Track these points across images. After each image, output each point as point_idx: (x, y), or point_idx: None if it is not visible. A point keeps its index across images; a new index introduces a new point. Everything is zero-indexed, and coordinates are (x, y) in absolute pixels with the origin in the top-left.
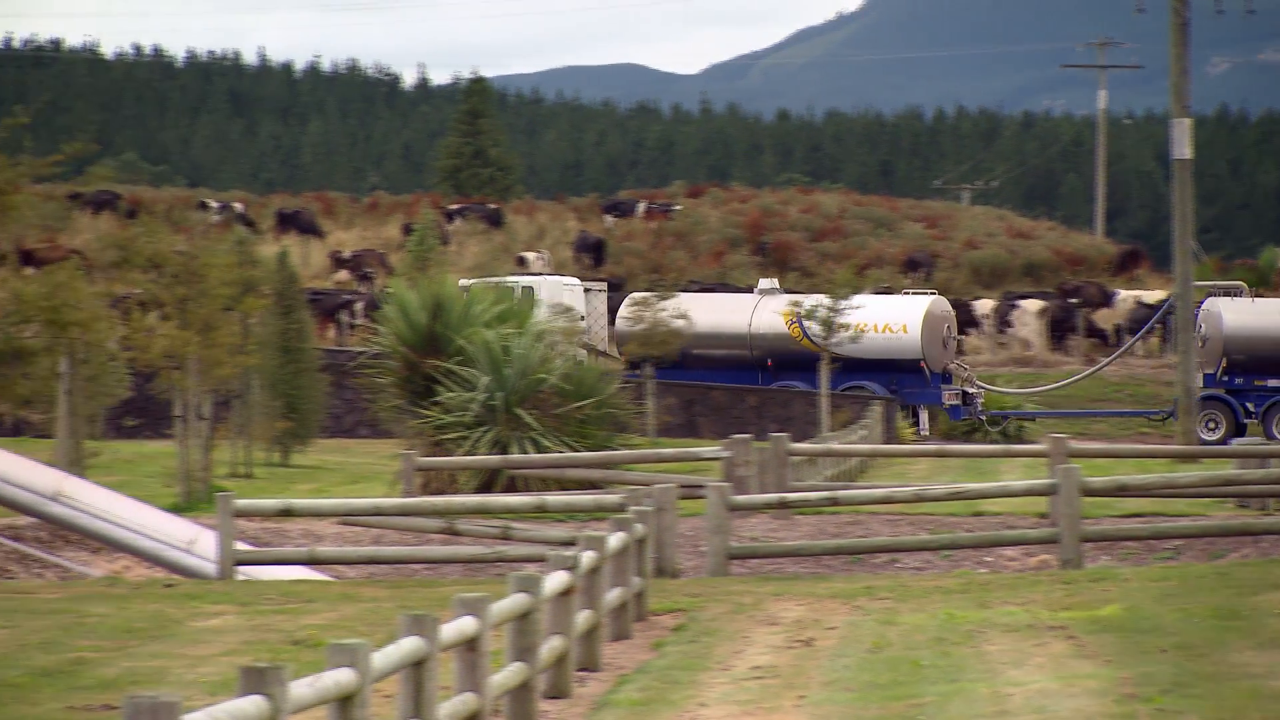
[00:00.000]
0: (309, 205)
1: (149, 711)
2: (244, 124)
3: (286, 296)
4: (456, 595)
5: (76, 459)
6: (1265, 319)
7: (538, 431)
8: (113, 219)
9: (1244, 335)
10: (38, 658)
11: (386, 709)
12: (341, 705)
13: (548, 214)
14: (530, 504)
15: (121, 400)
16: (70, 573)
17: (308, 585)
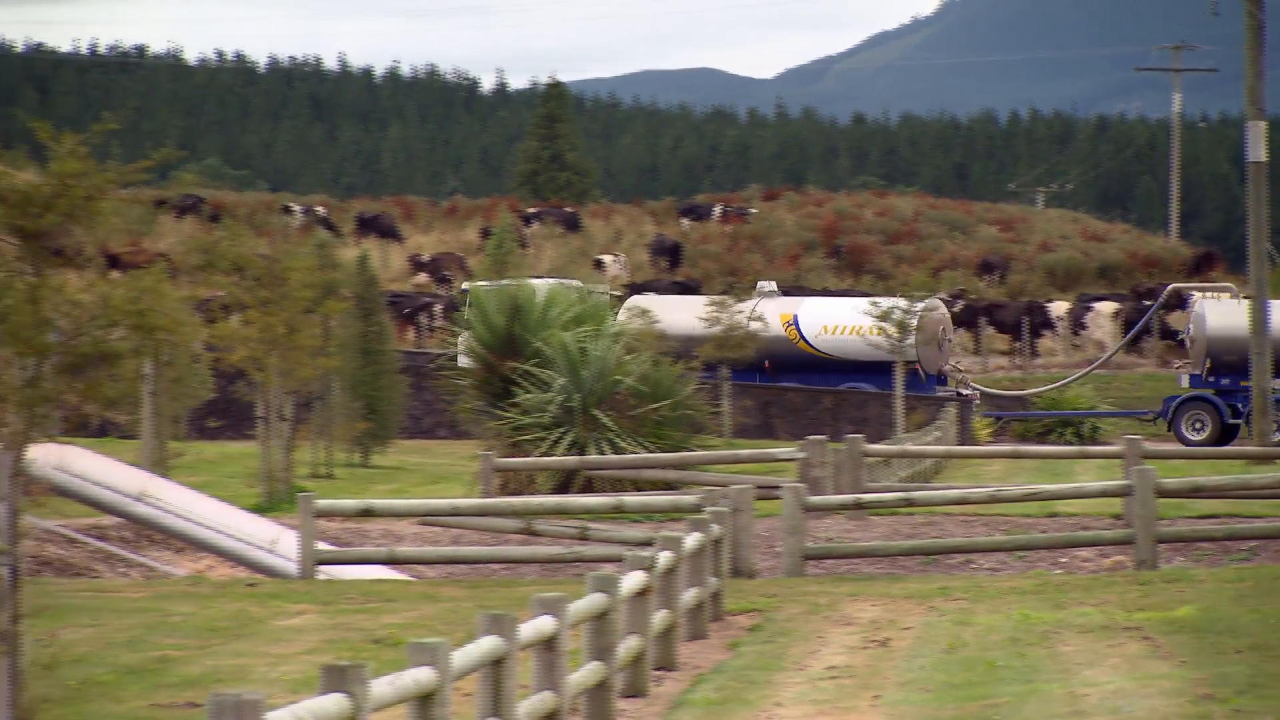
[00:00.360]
0: (389, 209)
1: (233, 709)
2: (325, 129)
3: (366, 299)
4: (535, 595)
5: (161, 460)
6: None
7: (614, 432)
8: (196, 223)
9: (1227, 337)
10: (123, 656)
11: (465, 707)
12: (421, 704)
13: (624, 217)
14: (608, 504)
15: (205, 402)
16: (155, 572)
17: (388, 585)
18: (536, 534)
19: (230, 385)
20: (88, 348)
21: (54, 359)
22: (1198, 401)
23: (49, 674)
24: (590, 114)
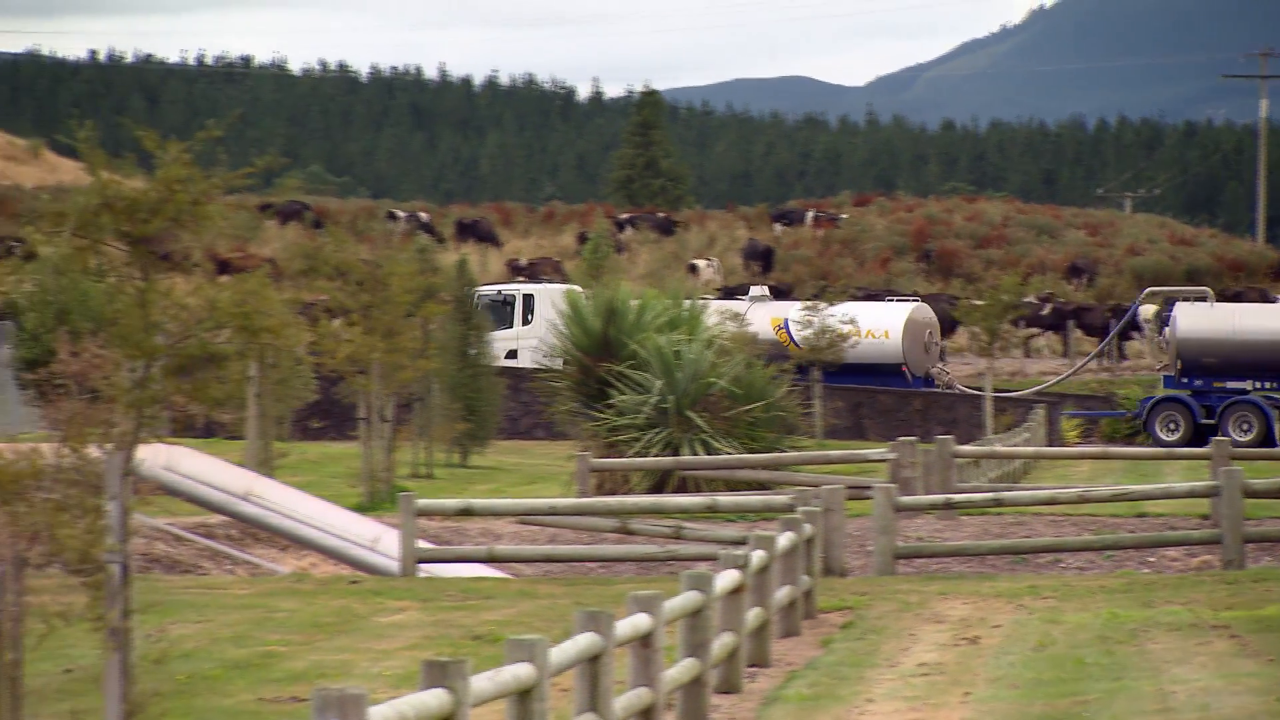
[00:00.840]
0: (487, 215)
1: (337, 704)
2: (425, 137)
3: (465, 303)
4: (631, 593)
5: (266, 459)
6: (1219, 323)
7: (708, 433)
8: (300, 229)
9: (1197, 339)
10: (229, 651)
11: (563, 703)
12: (520, 699)
13: (718, 223)
14: (702, 504)
15: (308, 403)
16: (260, 569)
17: (487, 582)
18: (632, 533)
19: (333, 387)
20: (194, 350)
21: (162, 361)
22: (1171, 402)
23: (158, 668)
24: (684, 121)
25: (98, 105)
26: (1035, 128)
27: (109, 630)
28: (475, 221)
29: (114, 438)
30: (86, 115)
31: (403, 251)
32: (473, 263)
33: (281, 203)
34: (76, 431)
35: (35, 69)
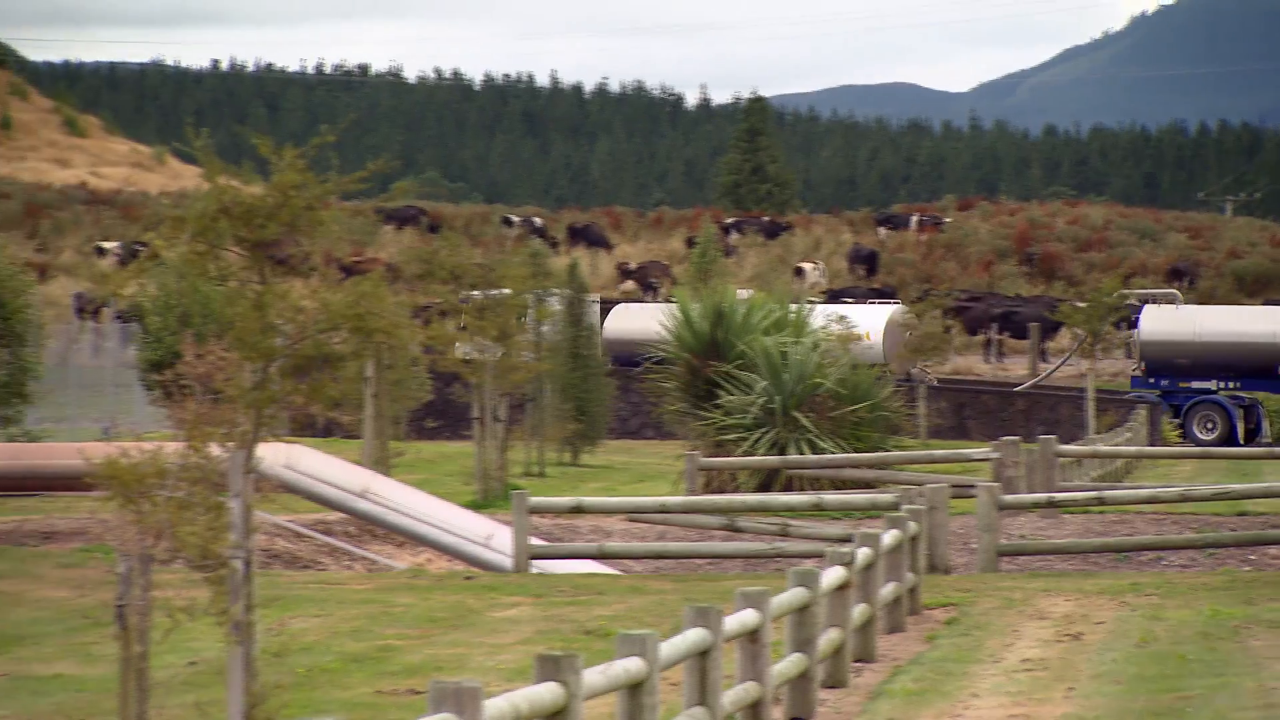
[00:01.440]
0: (598, 219)
1: (453, 696)
2: (537, 143)
3: (576, 306)
4: (738, 589)
5: (382, 458)
6: (1181, 326)
7: (814, 433)
8: (416, 233)
9: (1158, 341)
10: (348, 644)
11: (672, 696)
12: (631, 692)
13: (823, 227)
14: (808, 502)
15: (423, 403)
16: (377, 565)
17: (598, 578)
18: (739, 530)
19: (447, 387)
20: (311, 351)
21: (280, 362)
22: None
23: (279, 661)
24: (790, 128)
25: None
26: (1137, 133)
27: (232, 624)
28: (586, 226)
29: (236, 437)
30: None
31: (515, 255)
32: (583, 266)
33: (397, 207)
34: (200, 431)
35: (160, 78)
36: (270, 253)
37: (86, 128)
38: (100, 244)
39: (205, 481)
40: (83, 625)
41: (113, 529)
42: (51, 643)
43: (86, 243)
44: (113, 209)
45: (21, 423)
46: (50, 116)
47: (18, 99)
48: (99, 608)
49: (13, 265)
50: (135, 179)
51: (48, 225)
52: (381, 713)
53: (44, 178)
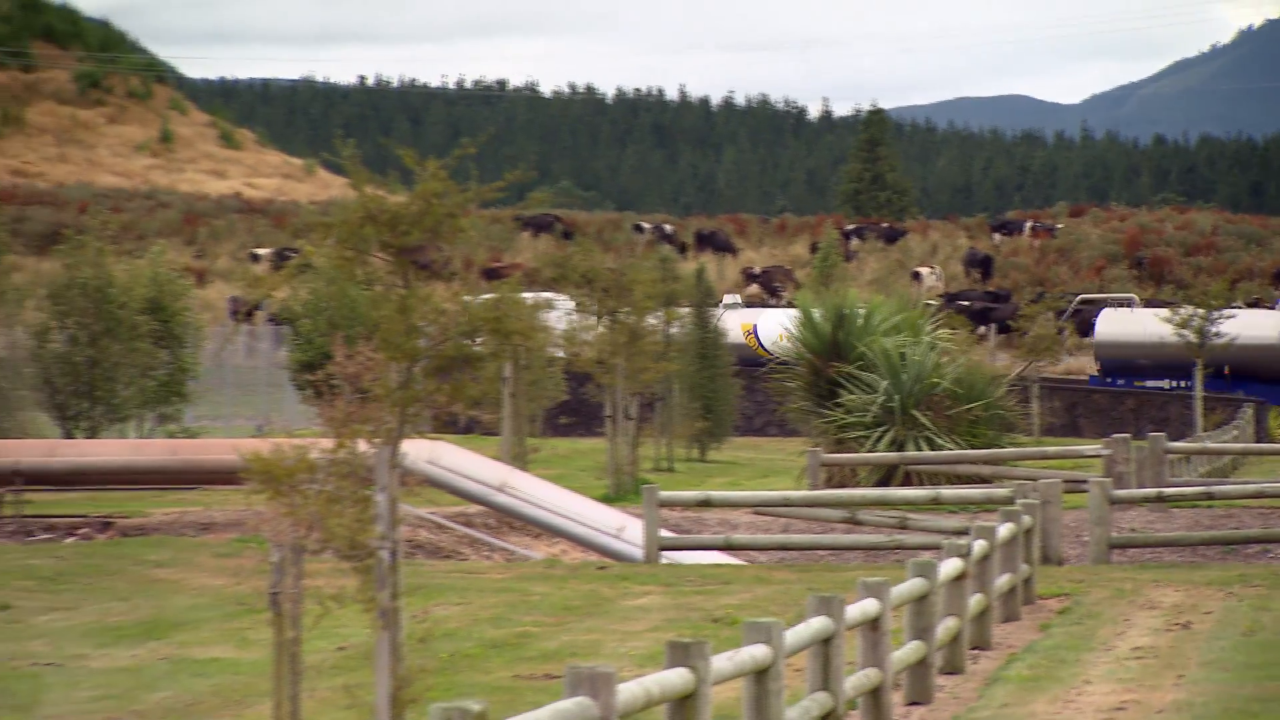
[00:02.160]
0: (724, 226)
1: (588, 681)
2: (666, 154)
3: (703, 308)
4: (860, 579)
5: (519, 454)
6: (1133, 328)
7: (931, 431)
8: (551, 240)
9: (1111, 342)
10: (488, 631)
11: (797, 682)
12: (757, 678)
13: (940, 232)
14: (926, 496)
15: (558, 402)
16: (515, 555)
17: (724, 569)
18: (860, 523)
19: (581, 387)
20: (452, 352)
21: (423, 363)
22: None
23: (423, 647)
24: (908, 138)
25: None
26: (1243, 142)
27: (379, 611)
28: (713, 232)
29: (382, 434)
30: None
31: (645, 260)
32: (710, 271)
33: (534, 215)
34: (348, 428)
35: (311, 94)
36: (414, 258)
37: (241, 141)
38: (254, 250)
39: (353, 476)
40: (238, 611)
41: (266, 521)
42: (209, 628)
43: (241, 249)
44: (265, 217)
45: (180, 420)
46: (207, 130)
47: (177, 114)
48: (254, 595)
49: (172, 271)
50: (286, 189)
51: (205, 233)
52: (520, 696)
53: (201, 188)
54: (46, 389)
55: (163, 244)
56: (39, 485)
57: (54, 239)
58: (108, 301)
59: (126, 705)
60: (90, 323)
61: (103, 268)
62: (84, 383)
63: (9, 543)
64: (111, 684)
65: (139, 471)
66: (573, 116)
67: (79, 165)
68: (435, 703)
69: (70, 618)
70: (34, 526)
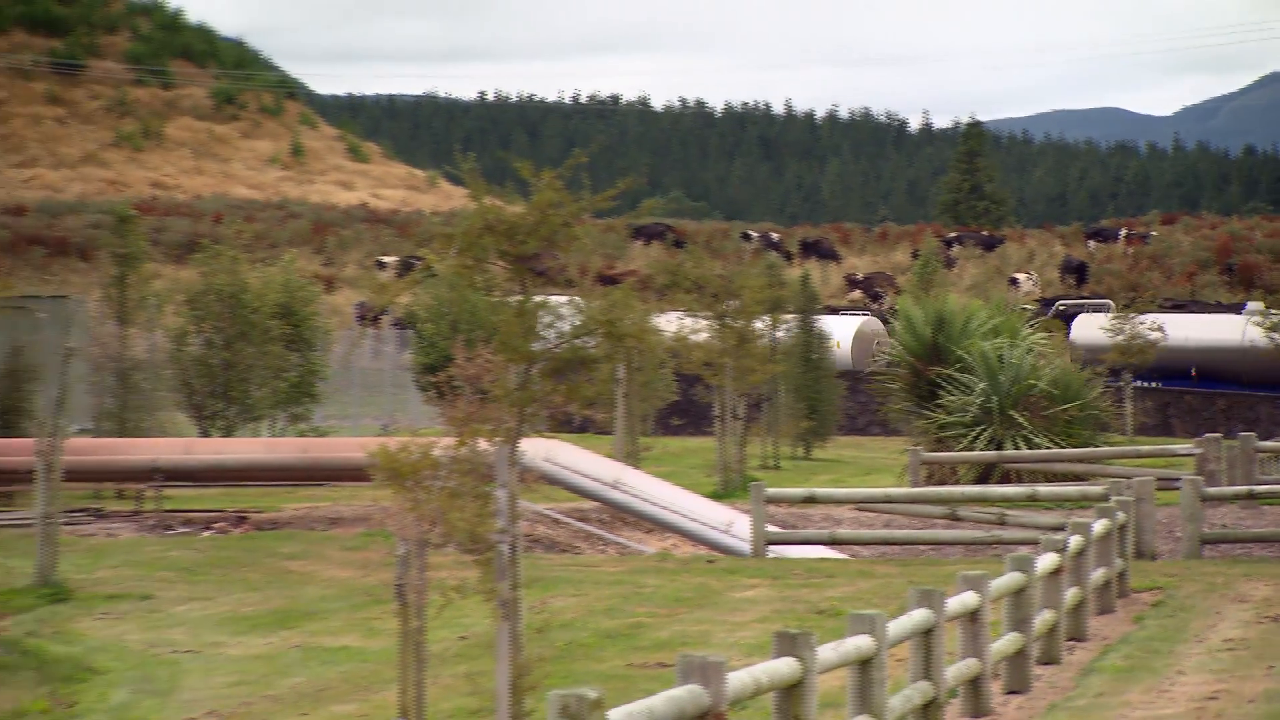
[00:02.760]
0: (828, 234)
1: (699, 669)
2: (772, 165)
3: (808, 313)
4: (960, 573)
5: (632, 452)
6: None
7: (1028, 430)
8: (662, 248)
9: (1084, 344)
10: (603, 621)
11: (899, 671)
12: (861, 667)
13: (1036, 240)
14: (1023, 494)
15: (669, 403)
16: (628, 549)
17: (829, 562)
18: (959, 519)
19: (690, 388)
20: (567, 354)
21: (540, 365)
22: None
23: (541, 636)
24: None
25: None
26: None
27: (499, 602)
28: (817, 240)
29: (501, 433)
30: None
31: (753, 267)
32: (815, 277)
33: (646, 224)
34: (469, 427)
35: (433, 109)
36: (530, 265)
37: (368, 154)
38: (380, 258)
39: (474, 473)
40: (366, 602)
41: (392, 515)
42: (338, 618)
43: (367, 257)
44: (390, 227)
45: (310, 419)
46: (336, 144)
47: (307, 129)
48: (380, 586)
49: (302, 278)
50: (411, 200)
51: (333, 242)
52: (633, 684)
53: (330, 199)
54: (184, 390)
55: (293, 252)
56: (177, 482)
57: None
58: (242, 307)
59: (261, 691)
60: (225, 327)
61: (237, 275)
62: (219, 384)
63: (149, 536)
64: (246, 670)
65: (271, 468)
66: (683, 130)
67: (215, 178)
68: (553, 690)
69: (207, 607)
70: (173, 521)
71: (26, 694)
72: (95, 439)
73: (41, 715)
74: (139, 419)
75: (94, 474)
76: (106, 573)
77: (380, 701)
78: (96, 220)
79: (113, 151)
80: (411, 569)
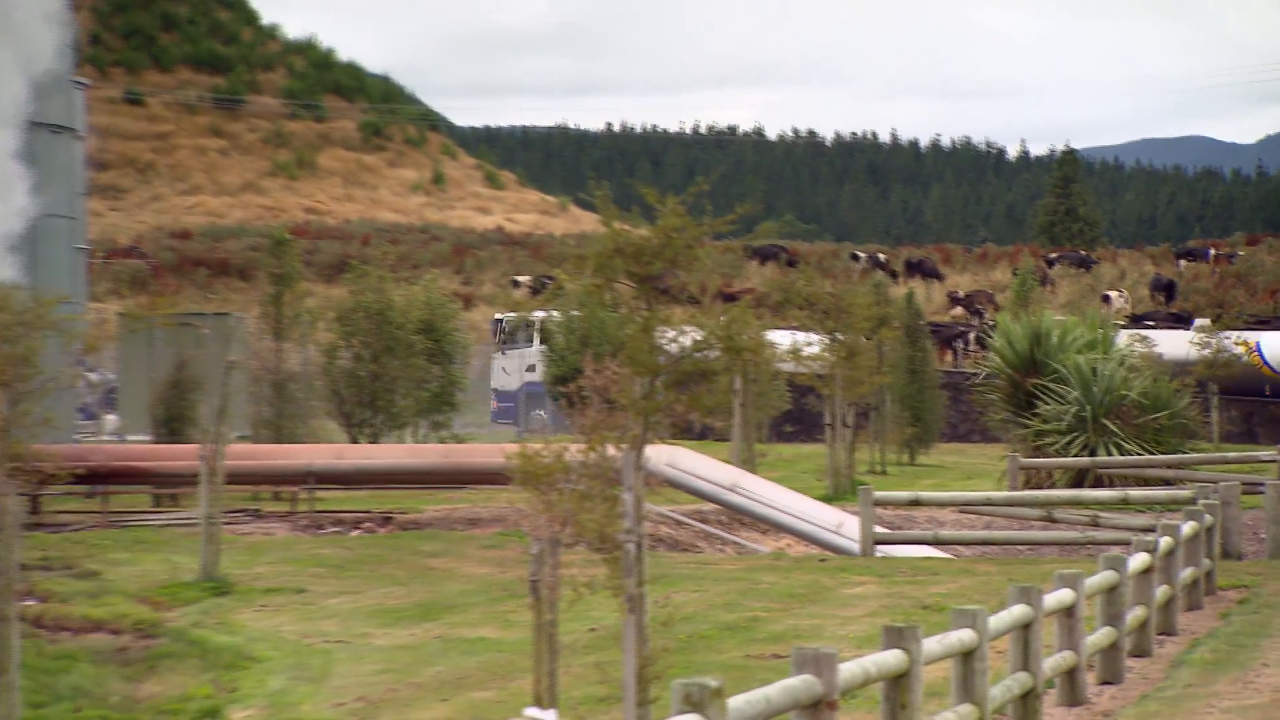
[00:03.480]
0: (931, 255)
1: (812, 660)
2: (878, 190)
3: (913, 329)
4: (1056, 571)
5: (748, 458)
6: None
7: (1120, 437)
8: (776, 268)
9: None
10: (722, 615)
11: (999, 663)
12: (964, 659)
13: (1127, 260)
14: (1115, 497)
15: (782, 412)
16: (745, 549)
17: (933, 561)
18: (1055, 521)
19: (803, 398)
20: (689, 366)
21: (663, 377)
22: None
23: (665, 629)
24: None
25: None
26: None
27: (626, 597)
28: (921, 260)
29: (627, 439)
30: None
31: (861, 286)
32: (919, 295)
33: (761, 246)
34: (598, 434)
35: (564, 139)
36: (655, 284)
37: (504, 181)
38: (515, 278)
39: (602, 477)
40: (502, 596)
41: (526, 516)
42: (477, 611)
43: (503, 277)
44: (524, 249)
45: (450, 427)
46: (474, 172)
47: (448, 158)
48: (515, 582)
49: (443, 296)
50: (543, 224)
51: (471, 262)
52: (751, 674)
53: (469, 223)
54: (335, 399)
55: (435, 272)
56: (329, 485)
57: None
58: (388, 323)
59: (405, 678)
60: (372, 342)
61: (383, 293)
62: (367, 394)
63: (303, 535)
64: (392, 659)
65: (414, 472)
66: (795, 158)
67: (363, 203)
68: (677, 679)
69: (356, 601)
70: (324, 521)
71: (192, 679)
72: (254, 445)
73: (206, 699)
74: (293, 427)
75: (253, 478)
76: (264, 569)
77: (516, 689)
78: (255, 243)
79: (270, 180)
80: (545, 566)
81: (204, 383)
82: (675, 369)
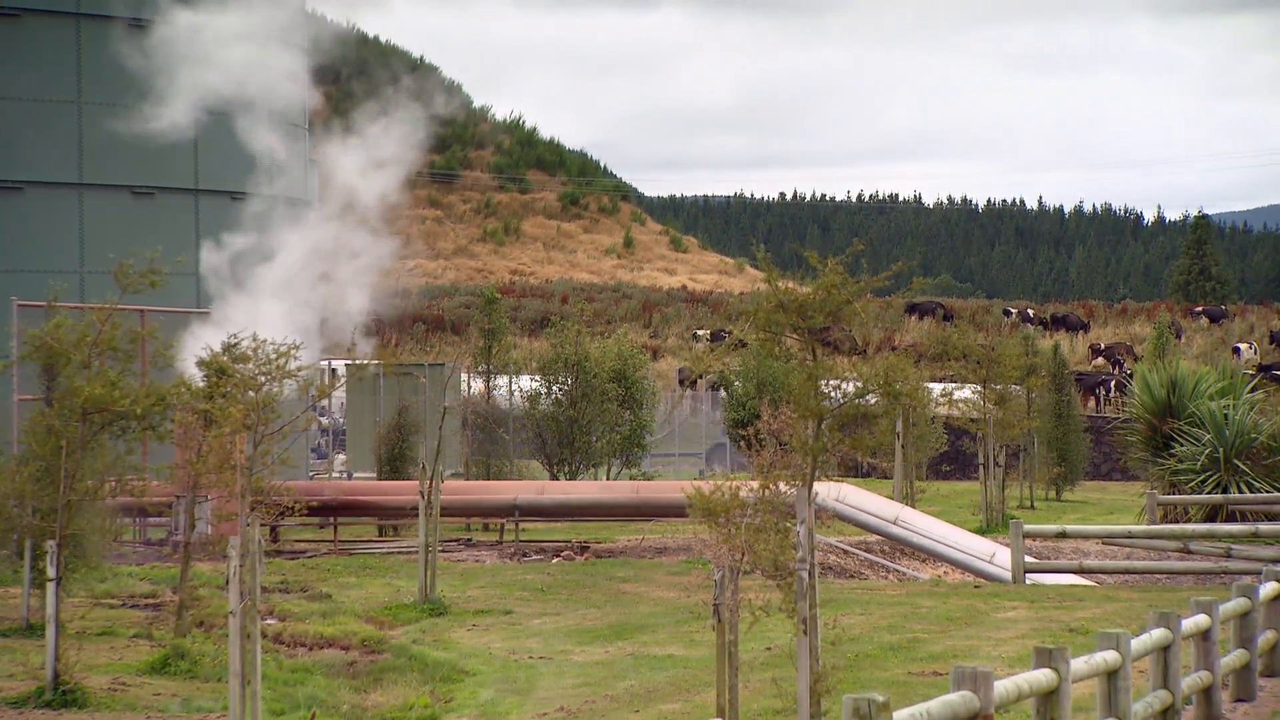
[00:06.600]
0: (1075, 310)
1: (970, 678)
2: (1026, 252)
3: (1058, 377)
4: (1192, 598)
5: (908, 494)
6: None
7: (1250, 476)
8: (933, 323)
9: None
10: (885, 636)
11: (1140, 681)
12: (1108, 678)
13: (1256, 315)
14: (1246, 531)
15: (940, 452)
16: (906, 576)
17: (1078, 589)
18: (1190, 552)
19: (958, 440)
20: (852, 410)
21: (829, 420)
22: None
23: (834, 649)
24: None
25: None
26: None
27: (799, 619)
28: (1066, 315)
29: (799, 477)
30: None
31: (1011, 338)
32: (1064, 347)
33: (919, 302)
34: (772, 472)
35: (741, 206)
36: (818, 337)
37: (687, 245)
38: (696, 331)
39: (776, 511)
40: (687, 619)
41: (708, 546)
42: (664, 631)
43: (686, 330)
44: (705, 305)
45: (640, 466)
46: (660, 237)
47: (637, 224)
48: (699, 605)
49: (633, 348)
50: (722, 283)
51: (658, 318)
52: (913, 690)
53: (656, 283)
54: (537, 441)
55: (626, 327)
56: (532, 517)
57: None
58: (584, 372)
59: (600, 691)
60: (571, 389)
61: (580, 346)
62: (566, 436)
63: (509, 562)
64: (588, 674)
65: (608, 506)
66: (951, 223)
67: (562, 266)
68: (846, 694)
69: (556, 621)
70: (528, 549)
71: (413, 691)
72: (466, 481)
73: (425, 708)
74: (501, 465)
75: (465, 510)
76: (475, 592)
77: (700, 702)
78: (467, 301)
79: (480, 245)
80: (726, 591)
81: (422, 426)
82: (839, 413)
